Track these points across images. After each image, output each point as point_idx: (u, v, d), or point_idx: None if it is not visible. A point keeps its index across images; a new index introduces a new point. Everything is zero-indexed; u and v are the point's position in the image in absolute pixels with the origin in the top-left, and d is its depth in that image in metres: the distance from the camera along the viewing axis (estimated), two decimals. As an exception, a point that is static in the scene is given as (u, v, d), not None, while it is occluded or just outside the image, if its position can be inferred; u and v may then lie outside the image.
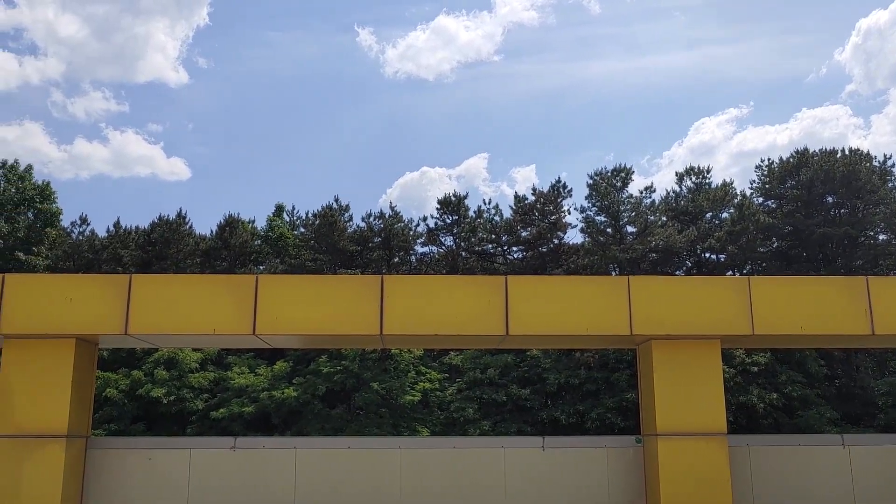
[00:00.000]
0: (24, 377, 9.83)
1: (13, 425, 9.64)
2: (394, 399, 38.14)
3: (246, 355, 41.98)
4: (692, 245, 46.29)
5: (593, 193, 47.14)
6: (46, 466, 9.53)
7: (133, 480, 10.25)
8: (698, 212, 48.47)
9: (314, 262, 46.82)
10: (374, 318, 10.10)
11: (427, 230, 49.64)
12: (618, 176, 47.54)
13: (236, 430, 37.03)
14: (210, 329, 9.88)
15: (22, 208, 52.37)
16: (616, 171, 47.72)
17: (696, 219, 48.19)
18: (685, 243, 45.25)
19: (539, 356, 38.85)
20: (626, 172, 47.74)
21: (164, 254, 48.46)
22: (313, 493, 10.39)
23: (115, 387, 38.12)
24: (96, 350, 10.72)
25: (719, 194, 48.60)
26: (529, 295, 10.45)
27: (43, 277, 10.09)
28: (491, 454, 10.86)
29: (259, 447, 10.36)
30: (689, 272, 47.17)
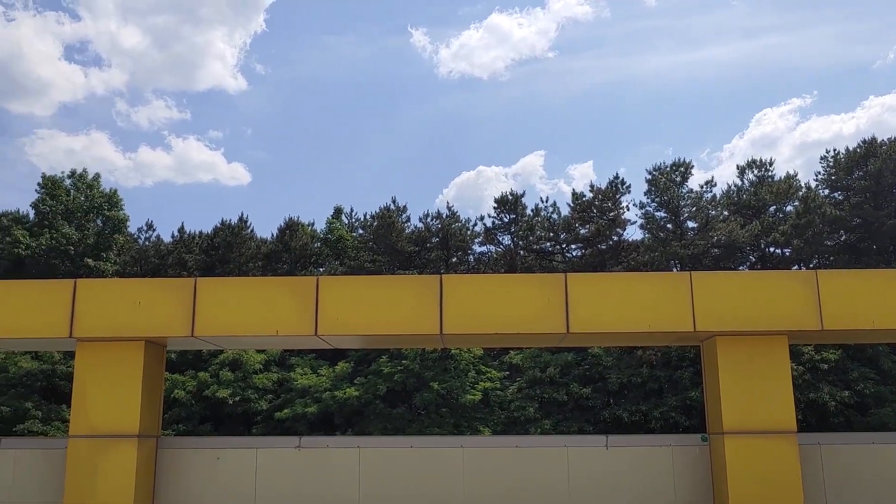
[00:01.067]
0: (96, 379, 10.13)
1: (88, 426, 9.94)
2: (454, 399, 38.23)
3: (308, 356, 42.57)
4: (756, 239, 45.27)
5: (652, 189, 46.49)
6: (120, 465, 9.80)
7: (202, 479, 10.48)
8: (761, 205, 47.37)
9: (373, 264, 47.22)
10: (433, 317, 10.13)
11: (484, 229, 49.62)
12: (677, 170, 46.80)
13: (300, 430, 37.58)
14: (273, 330, 10.04)
15: (91, 216, 54.02)
16: (675, 165, 46.98)
17: (760, 213, 47.10)
18: (748, 238, 44.28)
19: (600, 354, 38.48)
20: (685, 167, 46.97)
21: (227, 257, 49.46)
22: (377, 491, 10.47)
23: (183, 388, 39.06)
24: (165, 352, 10.99)
25: (783, 187, 47.41)
26: (590, 292, 10.36)
27: (113, 282, 10.38)
28: (554, 453, 10.79)
29: (323, 446, 10.50)
30: (753, 267, 46.14)
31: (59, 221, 51.78)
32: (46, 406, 40.35)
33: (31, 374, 40.58)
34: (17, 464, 10.54)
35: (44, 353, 40.87)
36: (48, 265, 49.49)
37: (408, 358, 38.54)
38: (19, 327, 10.09)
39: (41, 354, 41.00)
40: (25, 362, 40.68)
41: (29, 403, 39.69)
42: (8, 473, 10.45)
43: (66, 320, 10.01)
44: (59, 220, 51.88)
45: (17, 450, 10.61)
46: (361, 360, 40.97)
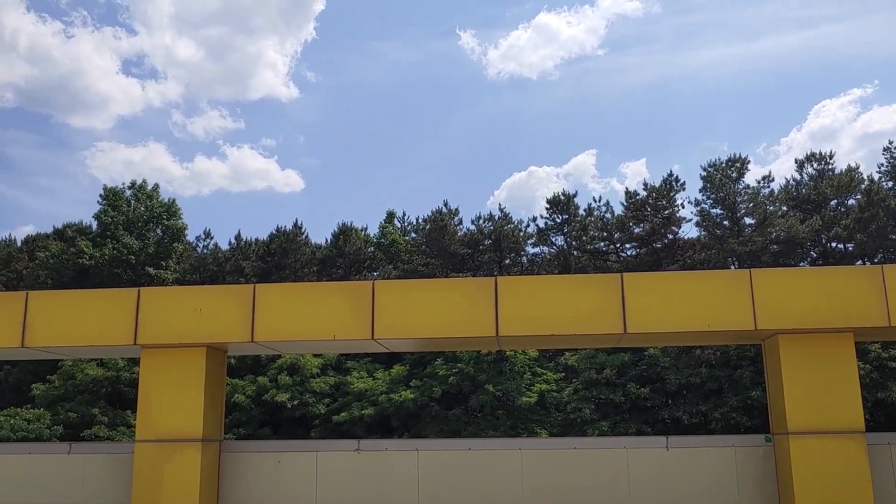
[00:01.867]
0: (161, 385, 10.36)
1: (154, 431, 10.17)
2: (510, 401, 38.12)
3: (364, 360, 42.91)
4: (816, 235, 44.15)
5: (708, 185, 45.70)
6: (184, 469, 10.01)
7: (264, 482, 10.63)
8: (822, 200, 46.16)
9: (426, 267, 47.37)
10: (489, 319, 10.12)
11: (537, 230, 49.38)
12: (733, 166, 45.93)
13: (357, 432, 37.89)
14: (331, 335, 10.14)
15: (151, 225, 55.33)
16: (731, 161, 46.12)
17: (820, 207, 45.91)
18: (809, 233, 43.20)
19: (657, 354, 37.95)
20: (741, 162, 46.07)
21: (283, 263, 50.16)
22: (436, 494, 10.49)
23: (243, 392, 39.70)
24: (225, 357, 11.19)
25: (844, 180, 46.13)
26: (647, 292, 10.23)
27: (174, 290, 10.62)
28: (613, 455, 10.68)
29: (382, 449, 10.56)
30: (815, 263, 45.00)
31: (120, 232, 53.15)
32: (112, 412, 41.44)
33: (97, 381, 41.71)
34: (86, 468, 10.84)
35: (108, 360, 41.95)
36: (111, 274, 50.84)
37: (463, 360, 38.57)
38: (86, 335, 10.38)
39: (106, 361, 42.09)
40: (91, 369, 41.83)
41: (95, 409, 40.82)
42: (79, 478, 10.75)
43: (130, 328, 10.27)
44: (121, 231, 53.24)
45: (87, 454, 10.91)
46: (417, 363, 41.14)
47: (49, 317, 10.51)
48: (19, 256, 61.75)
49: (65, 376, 42.30)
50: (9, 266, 60.24)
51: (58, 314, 10.52)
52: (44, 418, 40.15)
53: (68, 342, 10.43)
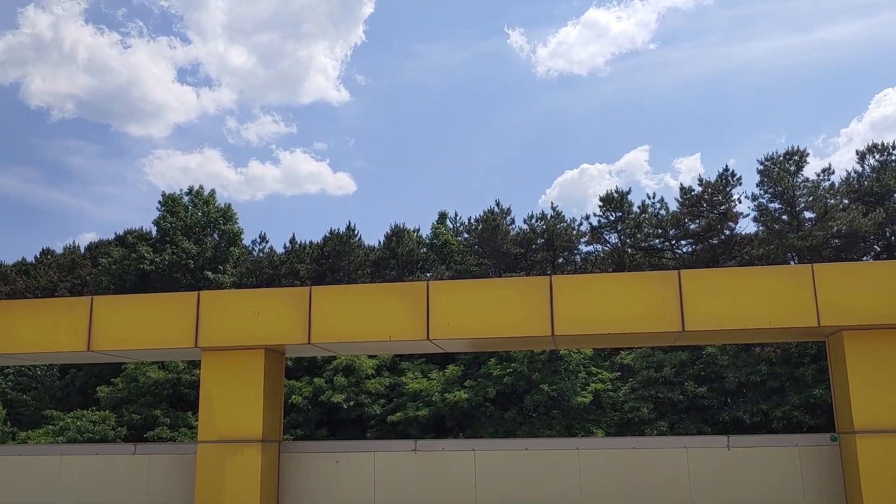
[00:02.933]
0: (221, 387, 10.54)
1: (215, 432, 10.35)
2: (565, 400, 37.86)
3: (418, 360, 43.08)
4: (880, 228, 42.87)
5: (765, 179, 44.72)
6: (245, 469, 10.17)
7: (322, 482, 10.74)
8: (885, 192, 44.78)
9: (479, 267, 47.34)
10: (544, 319, 10.06)
11: (590, 228, 48.97)
12: (791, 159, 44.87)
13: (413, 433, 38.06)
14: (386, 336, 10.19)
15: (208, 230, 56.40)
16: (789, 154, 45.07)
17: (884, 199, 44.54)
18: (872, 227, 41.96)
19: (715, 353, 37.29)
20: (799, 155, 44.98)
21: (337, 266, 50.64)
22: (493, 494, 10.47)
23: (300, 394, 40.19)
24: (283, 359, 11.34)
25: (909, 171, 44.73)
26: (705, 289, 10.05)
27: (233, 293, 10.80)
28: (673, 455, 10.52)
29: (439, 449, 10.58)
30: (878, 257, 43.70)
31: (179, 237, 54.28)
32: (174, 413, 42.35)
33: (159, 383, 42.66)
34: (150, 469, 11.08)
35: (169, 363, 42.87)
36: (171, 279, 51.95)
37: (517, 360, 38.44)
38: (149, 339, 10.62)
39: (167, 364, 43.03)
40: (153, 372, 42.80)
41: (158, 411, 41.76)
42: (143, 478, 11.00)
43: (191, 331, 10.47)
44: (179, 236, 54.38)
45: (151, 455, 11.15)
46: (471, 363, 41.14)
47: (113, 321, 10.77)
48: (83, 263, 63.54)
49: (128, 379, 43.37)
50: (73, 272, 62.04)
51: (121, 318, 10.78)
52: (109, 420, 41.24)
53: (131, 346, 10.68)
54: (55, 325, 10.81)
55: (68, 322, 10.76)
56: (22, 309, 11.17)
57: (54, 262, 65.54)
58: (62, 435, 39.68)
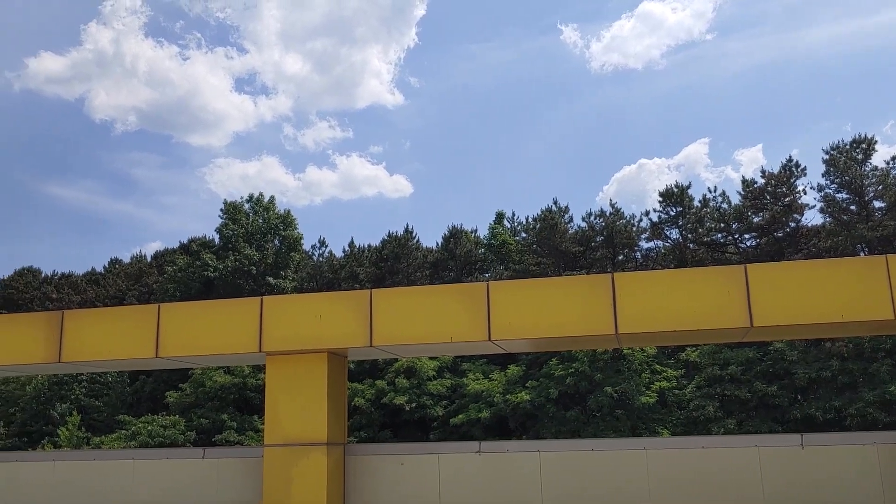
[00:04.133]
0: (286, 391, 10.64)
1: (281, 435, 10.47)
2: (629, 400, 37.35)
3: (479, 361, 43.02)
4: (956, 216, 41.24)
5: (831, 169, 43.39)
6: (311, 472, 10.25)
7: (387, 485, 10.76)
8: (960, 178, 43.09)
9: (538, 267, 47.06)
10: (607, 317, 9.90)
11: (650, 224, 48.25)
12: (858, 147, 43.46)
13: (475, 434, 38.02)
14: (448, 337, 10.15)
15: (269, 236, 57.35)
16: (855, 142, 43.65)
17: (959, 186, 42.86)
18: (947, 214, 40.41)
19: (783, 348, 36.32)
20: (867, 143, 43.53)
21: (396, 268, 50.90)
22: (559, 495, 10.35)
23: (363, 396, 40.53)
24: (346, 362, 11.40)
25: (985, 156, 42.90)
26: (773, 283, 9.76)
27: (295, 298, 10.91)
28: (743, 454, 10.25)
29: (503, 451, 10.50)
30: (955, 246, 42.05)
31: (241, 244, 55.30)
32: (240, 417, 43.13)
33: (225, 388, 43.49)
34: (219, 472, 11.26)
35: (234, 368, 43.67)
36: (234, 285, 52.95)
37: (579, 360, 38.08)
38: (215, 344, 10.79)
39: (232, 369, 43.84)
40: (219, 377, 43.65)
41: (225, 415, 42.58)
42: (213, 481, 11.19)
43: (255, 336, 10.60)
44: (241, 243, 55.39)
45: (220, 459, 11.33)
46: (532, 364, 40.91)
47: (179, 328, 10.98)
48: (149, 271, 65.20)
49: (195, 384, 44.33)
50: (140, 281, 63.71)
51: (187, 325, 10.98)
52: (178, 425, 42.20)
53: (198, 351, 10.86)
54: (125, 332, 11.07)
55: (137, 329, 11.00)
56: (93, 318, 11.47)
57: (122, 271, 67.43)
58: (134, 439, 40.75)
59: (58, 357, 11.22)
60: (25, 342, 11.42)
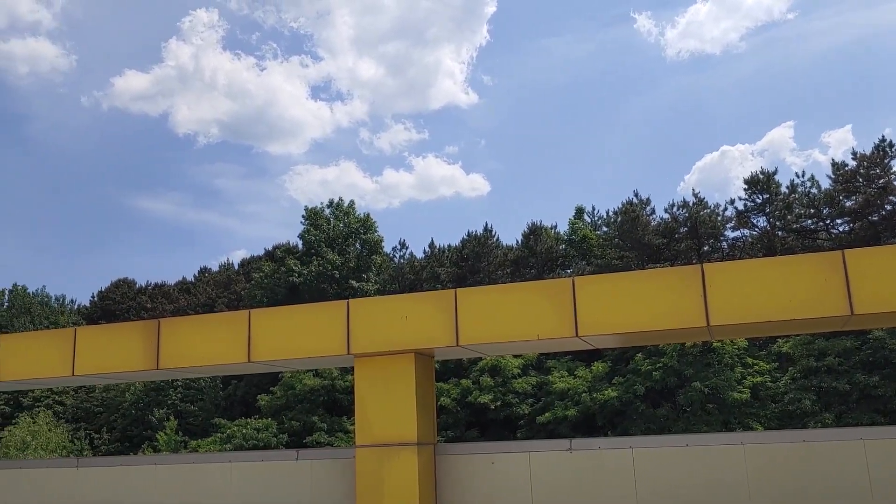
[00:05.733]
0: (374, 392, 10.73)
1: (371, 436, 10.55)
2: (720, 395, 36.38)
3: (564, 358, 42.65)
4: None
5: (928, 147, 41.41)
6: (402, 472, 10.30)
7: (479, 483, 10.73)
8: None
9: (620, 260, 46.38)
10: (698, 309, 9.62)
11: (736, 213, 46.99)
12: (958, 123, 41.31)
13: (562, 432, 37.71)
14: (534, 335, 10.04)
15: (350, 240, 58.17)
16: (955, 118, 41.52)
17: None
18: None
19: (884, 337, 34.76)
20: (968, 118, 41.34)
21: (477, 267, 50.95)
22: (654, 492, 10.12)
23: (448, 395, 40.68)
24: (433, 362, 11.42)
25: None
26: (875, 268, 9.31)
27: (381, 300, 10.98)
28: (848, 448, 9.80)
29: (595, 448, 10.33)
30: None
31: (323, 249, 56.28)
32: (329, 418, 43.88)
33: (314, 390, 44.32)
34: (313, 473, 11.43)
35: (323, 370, 44.46)
36: (318, 290, 53.91)
37: (667, 355, 37.32)
38: (304, 348, 10.96)
39: (321, 371, 44.64)
40: (308, 379, 44.51)
41: (315, 417, 43.39)
42: (307, 482, 11.37)
43: (343, 338, 10.72)
44: (324, 248, 56.38)
45: (313, 460, 11.50)
46: (618, 359, 40.32)
47: (270, 332, 11.19)
48: (237, 279, 67.02)
49: (285, 387, 45.31)
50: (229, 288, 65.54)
51: (277, 330, 11.18)
52: (270, 427, 43.20)
53: (288, 355, 11.04)
54: (219, 338, 11.35)
55: (230, 335, 11.27)
56: (188, 325, 11.80)
57: (211, 279, 69.50)
58: (229, 442, 41.91)
59: (156, 364, 11.59)
60: (125, 350, 11.85)
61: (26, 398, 53.63)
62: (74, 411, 54.26)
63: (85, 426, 52.28)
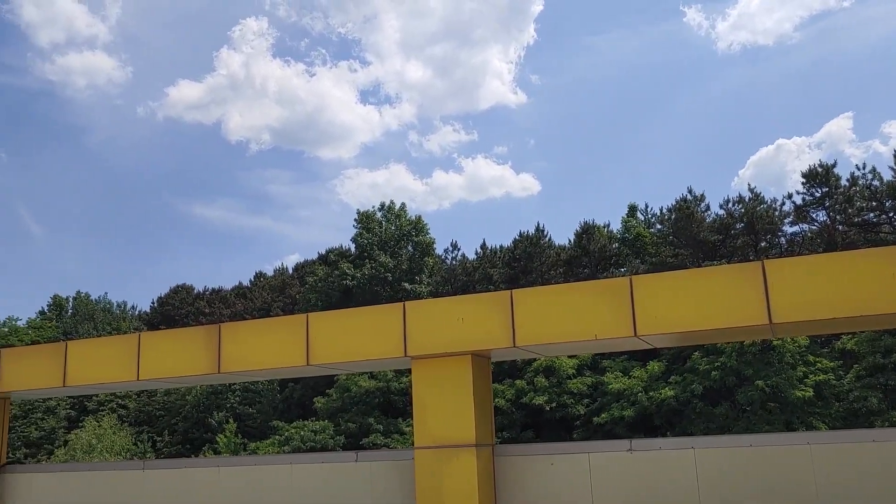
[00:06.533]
0: (432, 394, 10.76)
1: (430, 438, 10.58)
2: (782, 394, 35.57)
3: (619, 358, 42.22)
4: None
5: None
6: (462, 473, 10.31)
7: (538, 484, 10.68)
8: None
9: (675, 258, 45.73)
10: (759, 306, 9.44)
11: (794, 208, 45.91)
12: None
13: (619, 432, 37.31)
14: (591, 335, 9.96)
15: (402, 243, 58.45)
16: None
17: None
18: None
19: (954, 332, 33.66)
20: None
21: (529, 268, 50.74)
22: (717, 493, 9.95)
23: (503, 397, 40.59)
24: (490, 364, 11.41)
25: None
26: (945, 262, 9.02)
27: (437, 302, 11.01)
28: (921, 447, 9.51)
29: (656, 448, 10.20)
30: None
31: (375, 251, 56.65)
32: (385, 420, 44.14)
33: (370, 393, 44.64)
34: (372, 475, 11.51)
35: (378, 372, 44.76)
36: (371, 292, 54.27)
37: (724, 353, 36.65)
38: (361, 350, 11.05)
39: (376, 373, 44.95)
40: (364, 381, 44.85)
41: (371, 419, 43.69)
42: (366, 484, 11.46)
43: (400, 341, 10.78)
44: (376, 251, 56.74)
45: (372, 462, 11.59)
46: (675, 359, 39.75)
47: (327, 335, 11.31)
48: (291, 283, 67.88)
49: (341, 389, 45.73)
50: (284, 292, 66.41)
51: (335, 333, 11.29)
52: (327, 429, 43.64)
53: (346, 358, 11.14)
54: (278, 342, 11.51)
55: (289, 339, 11.42)
56: (248, 329, 12.00)
57: (266, 283, 70.51)
58: (287, 444, 42.47)
59: (217, 368, 11.80)
60: (188, 355, 12.09)
61: (91, 402, 55.12)
62: (137, 414, 55.60)
63: (147, 429, 53.54)
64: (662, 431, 37.56)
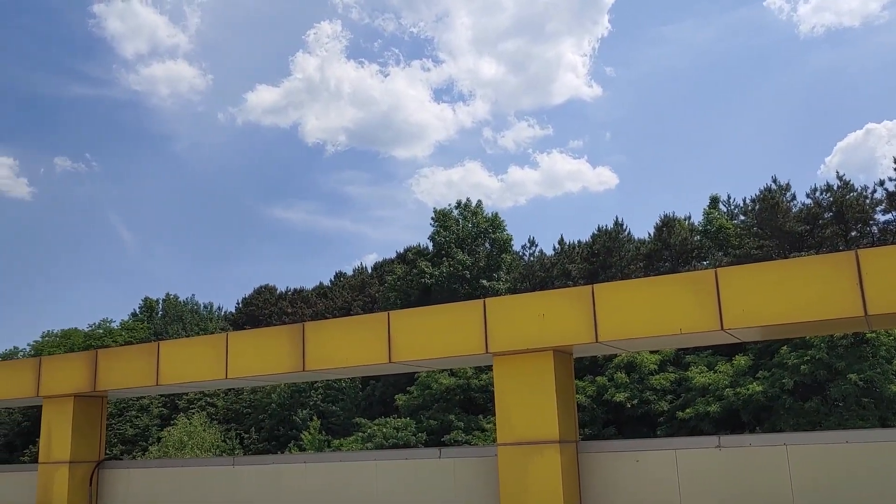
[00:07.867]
0: (514, 390, 10.74)
1: (513, 434, 10.57)
2: (877, 388, 34.16)
3: (703, 353, 41.30)
4: None
5: None
6: (546, 470, 10.26)
7: (623, 481, 10.54)
8: None
9: (760, 250, 44.45)
10: (854, 298, 9.08)
11: (886, 195, 44.05)
12: None
13: (705, 429, 36.51)
14: (676, 329, 9.77)
15: (479, 240, 58.50)
16: None
17: None
18: None
19: None
20: None
21: (608, 262, 50.11)
22: (811, 491, 9.62)
23: (584, 393, 40.21)
24: (572, 359, 11.32)
25: None
26: None
27: (517, 298, 10.99)
28: None
29: (746, 445, 9.93)
30: None
31: (453, 249, 56.86)
32: (466, 417, 44.28)
33: (451, 390, 44.84)
34: (456, 472, 11.57)
35: (458, 369, 44.92)
36: (450, 290, 54.51)
37: (814, 347, 35.43)
38: (443, 347, 11.11)
39: (456, 370, 45.13)
40: (444, 379, 45.09)
41: (452, 416, 43.89)
42: (450, 481, 11.53)
43: (481, 337, 10.79)
44: (454, 248, 56.95)
45: (455, 459, 11.65)
46: (761, 353, 38.63)
47: (409, 333, 11.41)
48: (370, 282, 68.76)
49: (422, 387, 46.08)
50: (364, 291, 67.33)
51: (416, 330, 11.39)
52: (409, 426, 44.04)
53: (428, 355, 11.23)
54: (360, 340, 11.68)
55: (372, 336, 11.57)
56: (331, 328, 12.21)
57: (346, 283, 71.63)
58: (370, 441, 43.05)
59: (302, 366, 12.05)
60: (274, 353, 12.39)
61: (181, 401, 57.04)
62: (225, 412, 57.27)
63: (235, 426, 55.09)
64: (750, 427, 36.58)
